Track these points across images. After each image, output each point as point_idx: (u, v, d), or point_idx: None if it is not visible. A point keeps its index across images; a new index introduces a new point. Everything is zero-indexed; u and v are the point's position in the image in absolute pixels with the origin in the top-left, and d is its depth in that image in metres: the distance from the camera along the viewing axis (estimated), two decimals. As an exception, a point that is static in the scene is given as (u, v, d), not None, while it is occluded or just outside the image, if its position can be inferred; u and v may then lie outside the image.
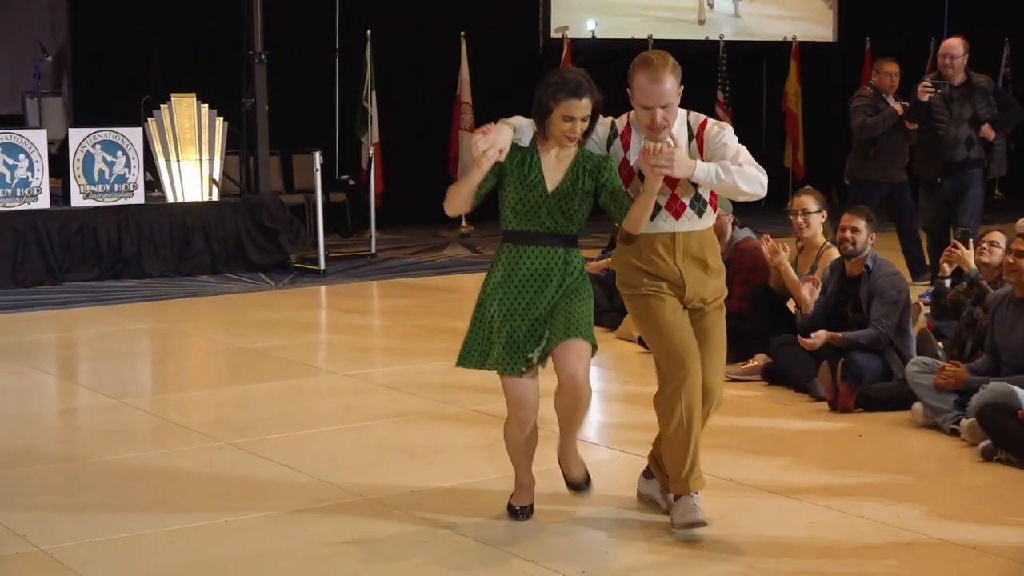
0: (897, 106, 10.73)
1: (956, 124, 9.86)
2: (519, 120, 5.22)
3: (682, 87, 5.12)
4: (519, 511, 5.51)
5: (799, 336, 7.74)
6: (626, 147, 5.28)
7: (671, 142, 4.96)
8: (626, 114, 5.34)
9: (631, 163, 5.24)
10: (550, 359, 5.22)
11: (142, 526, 5.52)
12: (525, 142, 5.21)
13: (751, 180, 5.01)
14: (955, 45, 9.95)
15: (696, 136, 5.20)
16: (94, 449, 6.94)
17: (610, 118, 5.35)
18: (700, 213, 5.23)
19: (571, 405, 5.26)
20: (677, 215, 5.17)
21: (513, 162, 5.18)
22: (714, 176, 4.98)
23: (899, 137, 11.02)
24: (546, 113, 5.12)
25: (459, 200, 5.17)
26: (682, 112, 5.21)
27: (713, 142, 5.15)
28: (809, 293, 7.88)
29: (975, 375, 6.80)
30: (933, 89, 9.84)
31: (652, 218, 5.11)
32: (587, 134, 5.19)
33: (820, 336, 7.53)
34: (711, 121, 5.27)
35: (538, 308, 5.20)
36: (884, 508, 5.65)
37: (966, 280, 7.63)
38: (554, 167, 5.22)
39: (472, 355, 5.29)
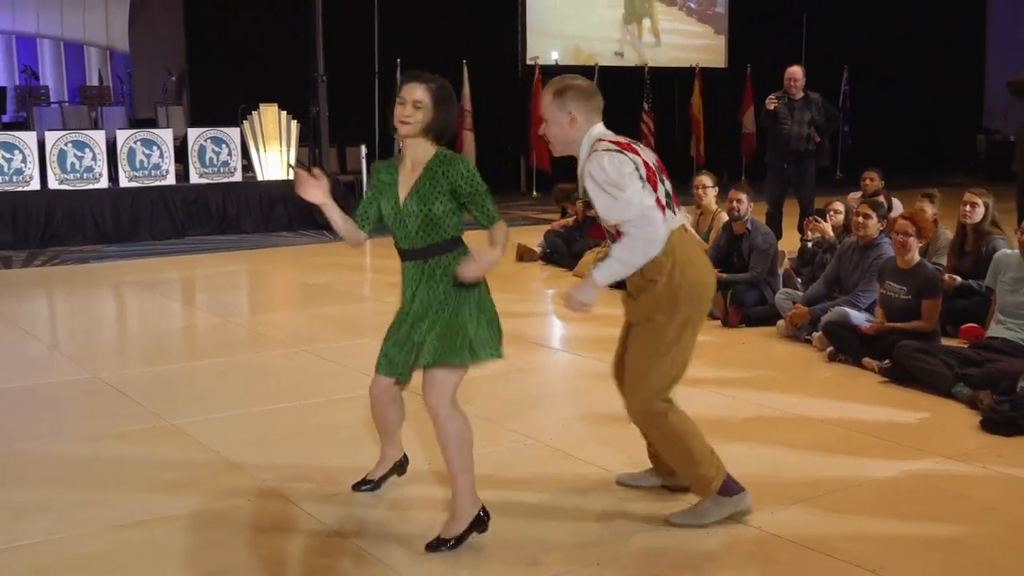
0: None
1: (798, 125, 9.85)
2: None
3: (572, 116, 3.73)
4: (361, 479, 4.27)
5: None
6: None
7: (579, 299, 3.67)
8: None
9: None
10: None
11: (241, 407, 5.51)
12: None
13: (635, 252, 3.60)
14: (796, 71, 9.95)
15: (582, 171, 3.75)
16: (207, 353, 6.93)
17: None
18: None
19: (438, 435, 3.73)
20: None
21: (380, 178, 3.87)
22: (613, 275, 3.66)
23: None
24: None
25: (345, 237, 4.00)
26: (595, 134, 3.75)
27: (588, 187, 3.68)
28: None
29: (809, 303, 6.93)
30: (777, 100, 9.86)
31: None
32: (432, 130, 3.66)
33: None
34: (597, 154, 3.65)
35: (407, 323, 3.82)
36: (759, 394, 5.67)
37: (826, 243, 7.68)
38: (408, 176, 3.76)
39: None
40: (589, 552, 3.69)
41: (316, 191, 3.92)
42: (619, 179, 3.61)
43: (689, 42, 18.92)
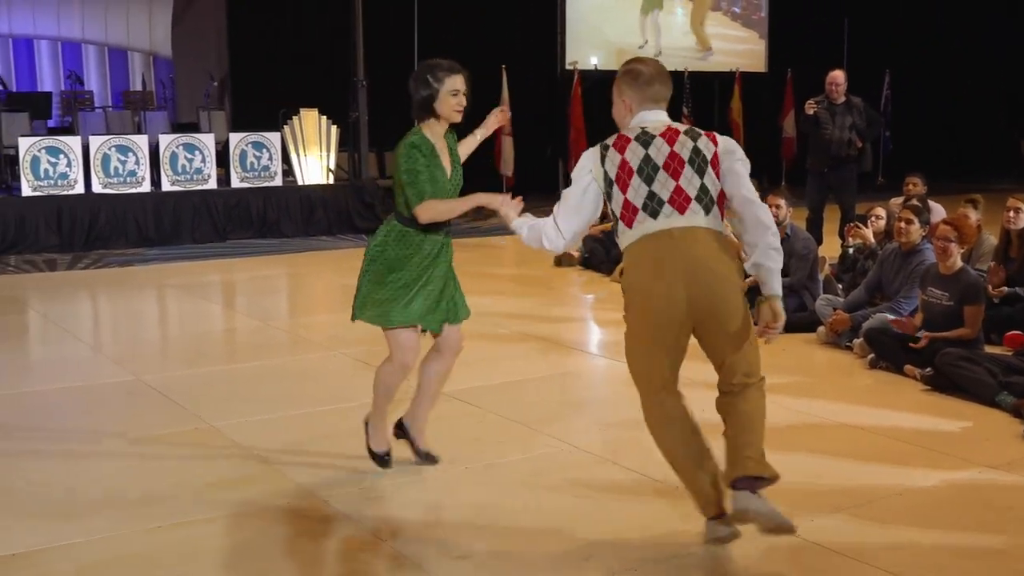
0: None
1: (840, 130, 9.74)
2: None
3: (626, 102, 3.73)
4: (382, 456, 4.54)
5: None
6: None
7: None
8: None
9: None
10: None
11: (280, 409, 5.55)
12: None
13: (532, 235, 3.81)
14: (839, 75, 9.85)
15: None
16: (247, 356, 6.98)
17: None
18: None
19: (446, 372, 4.51)
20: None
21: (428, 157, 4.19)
22: (517, 233, 3.92)
23: None
24: (434, 94, 4.18)
25: (440, 214, 4.23)
26: (633, 123, 3.73)
27: None
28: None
29: (850, 309, 6.88)
30: (816, 105, 9.76)
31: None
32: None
33: (746, 282, 7.51)
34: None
35: (437, 283, 4.32)
36: (799, 400, 5.62)
37: (868, 249, 7.64)
38: (443, 153, 4.27)
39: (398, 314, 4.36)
40: (626, 557, 3.68)
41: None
42: (574, 175, 3.76)
43: (730, 47, 18.81)
